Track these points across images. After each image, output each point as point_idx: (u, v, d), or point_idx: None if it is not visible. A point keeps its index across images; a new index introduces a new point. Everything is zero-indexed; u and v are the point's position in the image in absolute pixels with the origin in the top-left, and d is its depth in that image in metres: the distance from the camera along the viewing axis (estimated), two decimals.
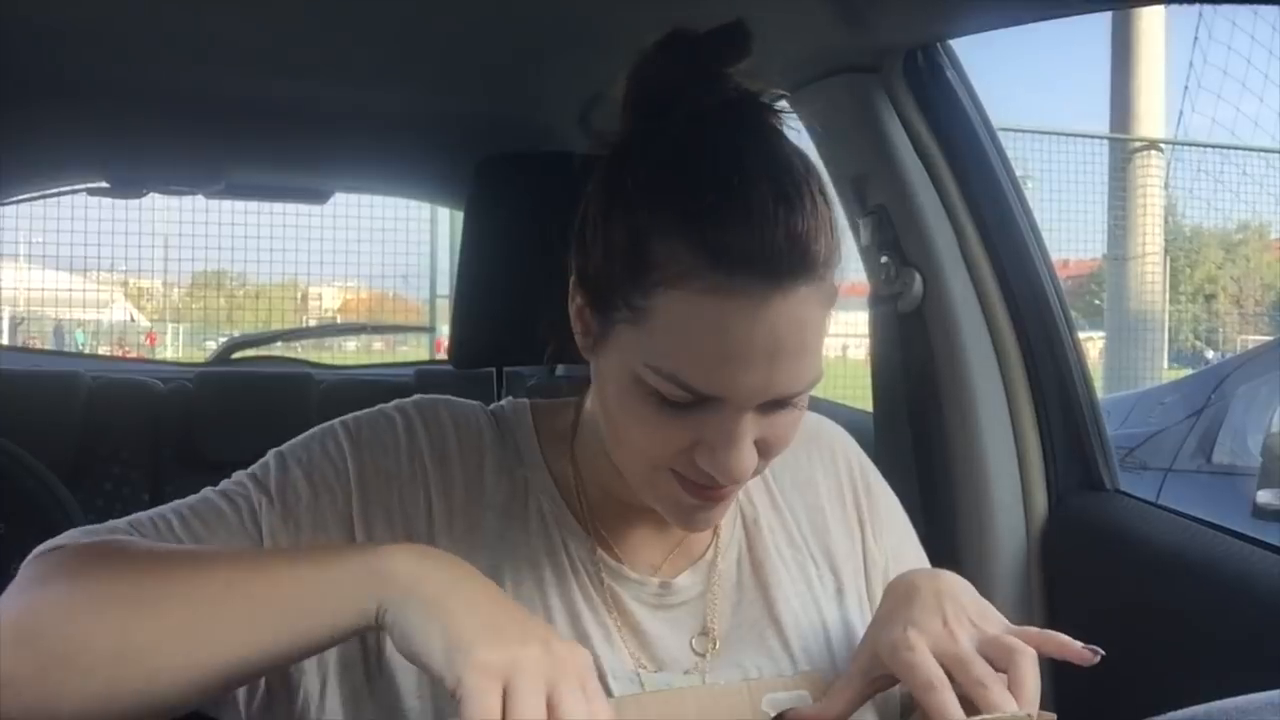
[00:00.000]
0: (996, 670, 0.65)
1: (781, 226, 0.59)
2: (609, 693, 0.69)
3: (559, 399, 0.82)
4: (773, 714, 0.71)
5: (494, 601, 0.60)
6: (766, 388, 0.62)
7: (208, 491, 0.73)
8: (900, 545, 0.87)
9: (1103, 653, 0.66)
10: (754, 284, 0.59)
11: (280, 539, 0.70)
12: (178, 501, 0.72)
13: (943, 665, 0.65)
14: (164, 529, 0.69)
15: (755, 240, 0.59)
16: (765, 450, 0.66)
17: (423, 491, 0.74)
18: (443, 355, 3.50)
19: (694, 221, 0.60)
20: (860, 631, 0.75)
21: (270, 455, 0.75)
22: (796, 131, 0.69)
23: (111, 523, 0.69)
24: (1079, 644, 0.67)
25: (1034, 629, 0.69)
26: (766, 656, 0.76)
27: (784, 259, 0.59)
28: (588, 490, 0.77)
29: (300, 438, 0.77)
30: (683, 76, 0.66)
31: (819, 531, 0.83)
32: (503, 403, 0.82)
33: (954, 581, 0.72)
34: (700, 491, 0.67)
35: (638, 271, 0.61)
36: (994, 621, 0.69)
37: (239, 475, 0.74)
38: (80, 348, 6.06)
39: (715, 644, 0.76)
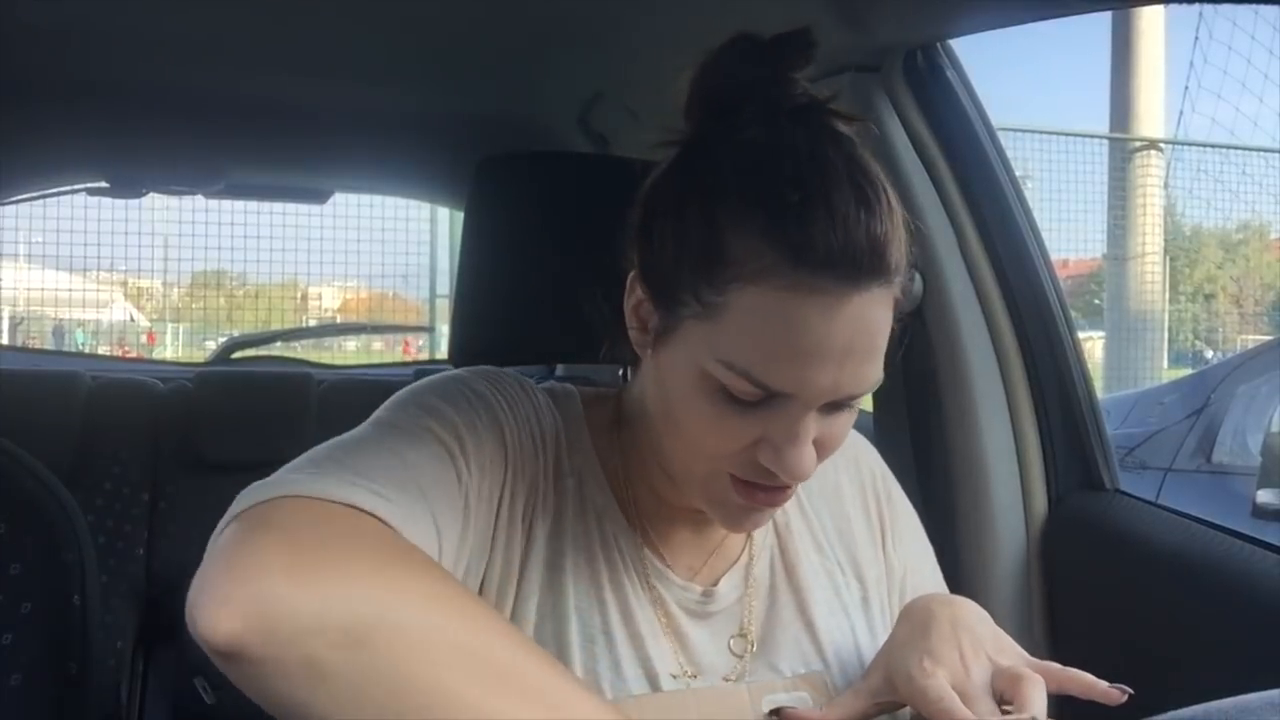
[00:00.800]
0: (1004, 701, 0.65)
1: (862, 227, 0.60)
2: (659, 690, 0.70)
3: (600, 390, 0.82)
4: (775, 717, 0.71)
5: None
6: (835, 387, 0.62)
7: (391, 433, 0.67)
8: (918, 557, 0.88)
9: (1130, 691, 0.65)
10: (833, 283, 0.59)
11: (471, 487, 0.67)
12: (367, 437, 0.67)
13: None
14: (399, 482, 0.62)
15: (837, 240, 0.59)
16: (821, 450, 0.66)
17: (540, 462, 0.73)
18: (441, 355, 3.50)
19: (776, 219, 0.60)
20: (883, 641, 0.75)
21: (427, 398, 0.71)
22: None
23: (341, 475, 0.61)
24: (1104, 683, 0.67)
25: (1058, 666, 0.68)
26: (801, 660, 0.76)
27: (864, 259, 0.60)
28: (633, 487, 0.77)
29: (430, 385, 0.73)
30: (751, 78, 0.67)
31: (845, 539, 0.84)
32: (552, 385, 0.81)
33: (971, 611, 0.72)
34: (753, 494, 0.67)
35: (713, 266, 0.62)
36: (1010, 654, 0.69)
37: (409, 412, 0.69)
38: (80, 347, 6.06)
39: (753, 645, 0.76)
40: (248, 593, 0.52)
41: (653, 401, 0.71)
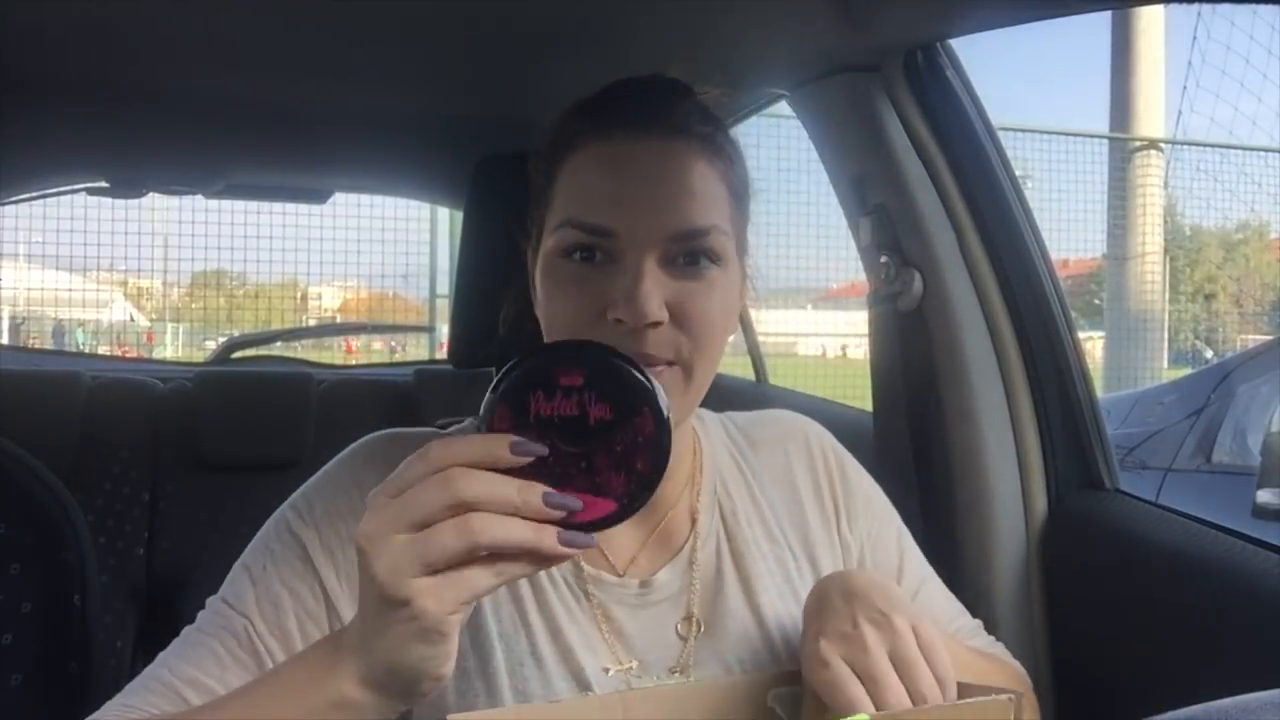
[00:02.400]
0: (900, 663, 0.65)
1: (645, 97, 0.75)
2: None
3: None
4: (780, 710, 0.71)
5: None
6: (655, 222, 0.70)
7: (192, 631, 0.73)
8: (877, 532, 0.88)
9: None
10: (630, 134, 0.72)
11: (274, 651, 0.71)
12: (170, 650, 0.72)
13: (856, 674, 0.65)
14: (160, 691, 0.69)
15: (627, 104, 0.74)
16: (680, 319, 0.70)
17: None
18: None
19: (587, 108, 0.76)
20: None
21: (238, 571, 0.76)
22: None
23: (100, 713, 0.68)
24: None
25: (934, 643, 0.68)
26: (747, 646, 0.77)
27: (651, 115, 0.73)
28: None
29: (257, 538, 0.77)
30: None
31: (798, 525, 0.85)
32: (462, 421, 0.85)
33: (864, 579, 0.71)
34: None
35: (546, 164, 0.76)
36: (904, 610, 0.68)
37: (215, 602, 0.74)
38: (81, 347, 6.06)
39: (699, 625, 0.77)
40: None
41: (540, 317, 0.77)
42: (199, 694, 0.68)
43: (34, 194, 2.16)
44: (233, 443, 1.80)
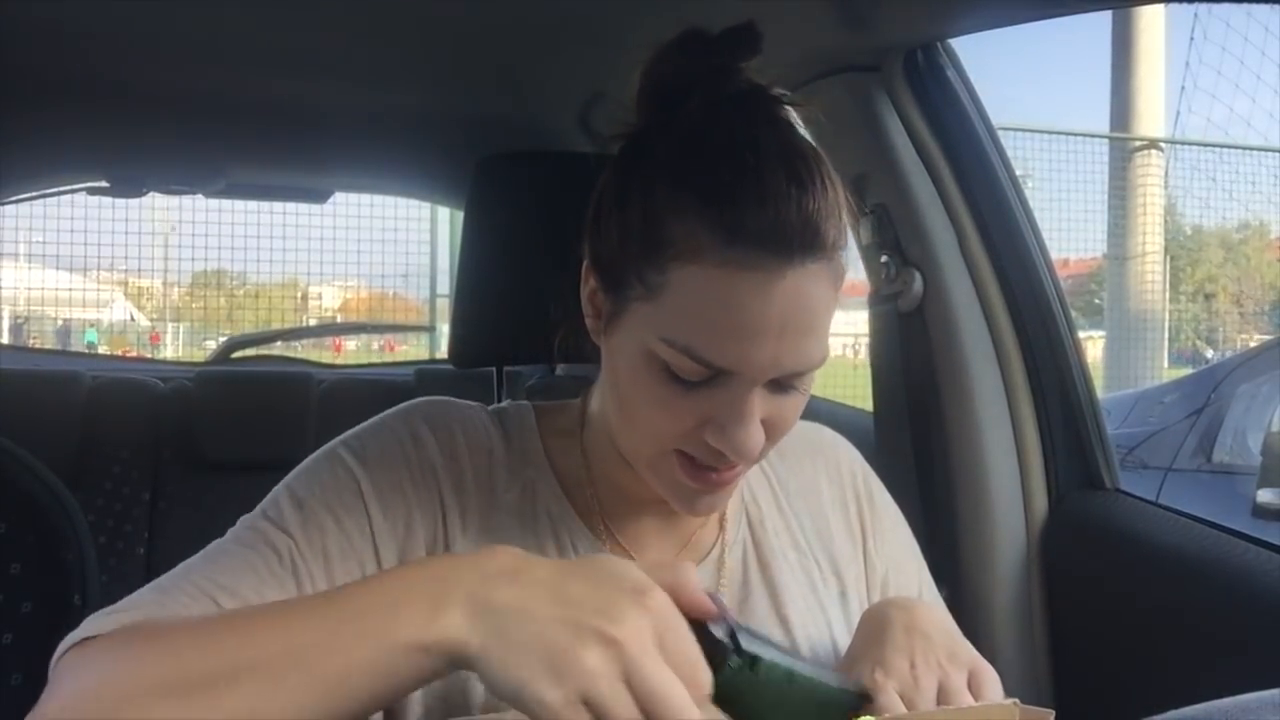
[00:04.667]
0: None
1: (794, 204, 0.62)
2: None
3: (558, 400, 0.83)
4: None
5: (537, 599, 0.54)
6: (776, 363, 0.63)
7: (224, 543, 0.70)
8: (901, 556, 0.88)
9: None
10: (767, 259, 0.61)
11: (315, 575, 0.68)
12: (195, 559, 0.69)
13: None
14: (192, 593, 0.65)
15: (769, 217, 0.61)
16: (771, 431, 0.67)
17: (437, 499, 0.74)
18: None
19: (710, 199, 0.62)
20: None
21: (280, 492, 0.73)
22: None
23: (133, 597, 0.65)
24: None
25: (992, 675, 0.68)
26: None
27: (796, 236, 0.61)
28: (597, 486, 0.78)
29: (304, 466, 0.75)
30: (697, 71, 0.68)
31: (823, 536, 0.84)
32: (504, 404, 0.83)
33: (927, 616, 0.71)
34: (704, 476, 0.68)
35: (654, 248, 0.63)
36: (963, 660, 0.68)
37: (251, 519, 0.71)
38: (91, 348, 6.06)
39: None
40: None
41: (607, 388, 0.72)
42: (236, 604, 0.65)
43: (34, 193, 2.16)
44: (233, 442, 1.80)
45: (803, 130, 0.70)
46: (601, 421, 0.76)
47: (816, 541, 0.84)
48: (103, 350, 6.22)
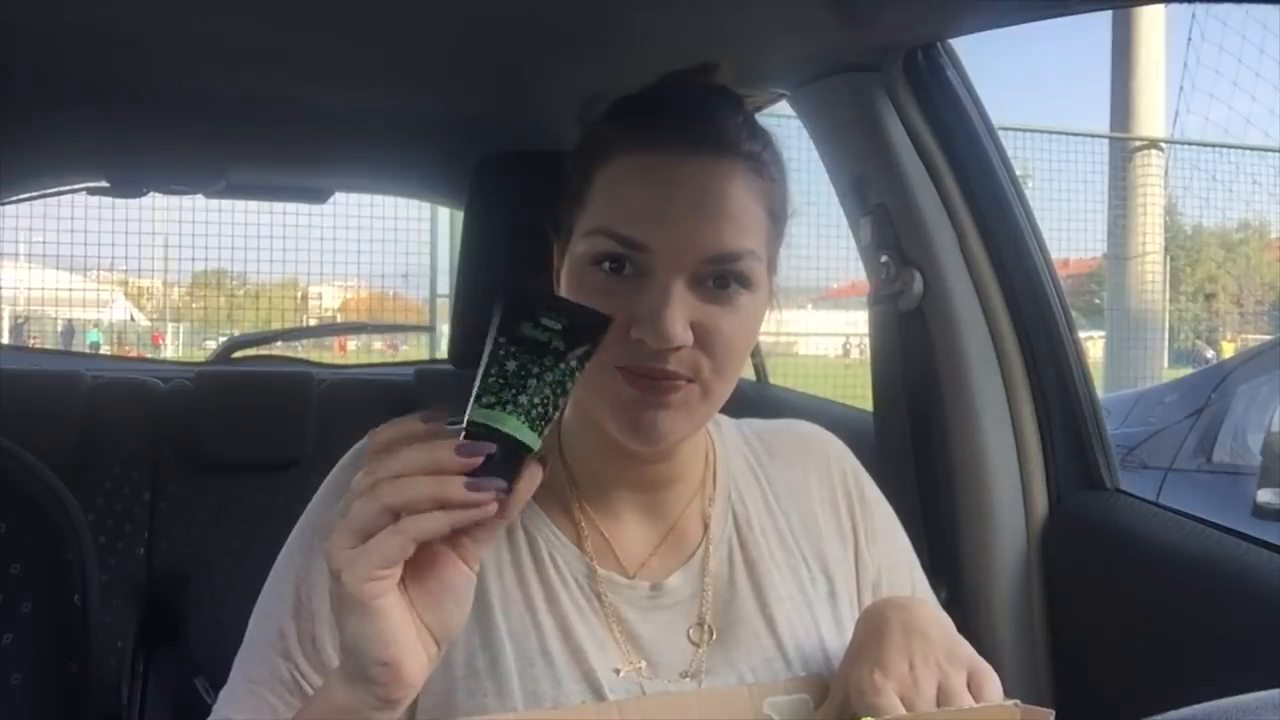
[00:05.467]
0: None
1: (698, 108, 0.72)
2: (604, 699, 0.70)
3: None
4: (775, 718, 0.71)
5: None
6: (690, 243, 0.68)
7: (244, 674, 0.76)
8: (894, 555, 0.88)
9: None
10: (672, 147, 0.70)
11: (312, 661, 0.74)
12: (222, 704, 0.76)
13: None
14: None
15: (674, 116, 0.71)
16: (704, 340, 0.70)
17: None
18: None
19: (628, 112, 0.74)
20: (850, 636, 0.75)
21: (270, 600, 0.77)
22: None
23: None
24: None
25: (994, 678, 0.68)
26: (760, 656, 0.77)
27: (699, 131, 0.70)
28: (578, 484, 0.78)
29: (282, 562, 0.79)
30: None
31: (812, 535, 0.84)
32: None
33: (926, 615, 0.72)
34: (641, 384, 0.70)
35: (582, 162, 0.73)
36: (962, 661, 0.68)
37: (259, 637, 0.76)
38: (94, 348, 6.06)
39: (711, 632, 0.77)
40: None
41: None
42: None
43: (34, 194, 2.16)
44: (233, 442, 1.80)
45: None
46: (578, 412, 0.78)
47: (805, 541, 0.84)
48: (105, 350, 6.22)
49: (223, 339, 3.53)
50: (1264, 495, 2.87)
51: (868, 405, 1.43)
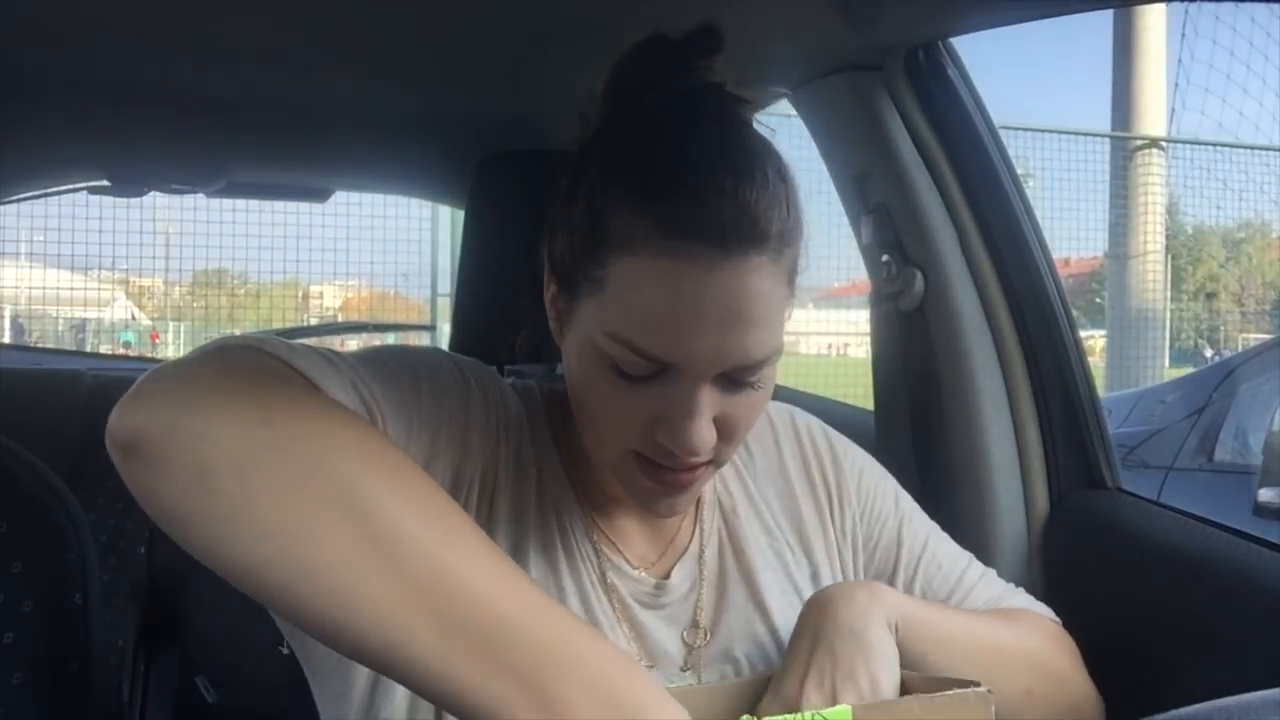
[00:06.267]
0: None
1: (729, 197, 0.61)
2: None
3: (558, 388, 0.83)
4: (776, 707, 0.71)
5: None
6: (719, 356, 0.63)
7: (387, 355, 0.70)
8: (874, 500, 0.88)
9: None
10: (703, 250, 0.61)
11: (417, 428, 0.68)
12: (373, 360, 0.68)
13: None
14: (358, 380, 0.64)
15: (705, 209, 0.61)
16: (726, 432, 0.67)
17: (502, 447, 0.75)
18: None
19: (646, 191, 0.63)
20: None
21: (434, 356, 0.74)
22: (770, 129, 0.71)
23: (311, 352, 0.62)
24: None
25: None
26: (753, 643, 0.78)
27: (732, 228, 0.61)
28: (584, 481, 0.79)
29: (417, 354, 0.74)
30: (654, 74, 0.68)
31: (792, 517, 0.85)
32: (517, 382, 0.83)
33: (837, 619, 0.70)
34: (658, 474, 0.68)
35: (596, 242, 0.64)
36: (861, 679, 0.68)
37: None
38: (127, 347, 6.06)
39: (705, 634, 0.77)
40: (163, 391, 0.53)
41: (570, 390, 0.73)
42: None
43: (35, 193, 2.16)
44: None
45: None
46: (585, 433, 0.77)
47: (786, 523, 0.84)
48: (105, 349, 6.22)
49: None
50: (1265, 494, 2.87)
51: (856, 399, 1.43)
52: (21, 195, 2.14)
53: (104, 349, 6.04)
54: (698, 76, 0.68)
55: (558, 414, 0.80)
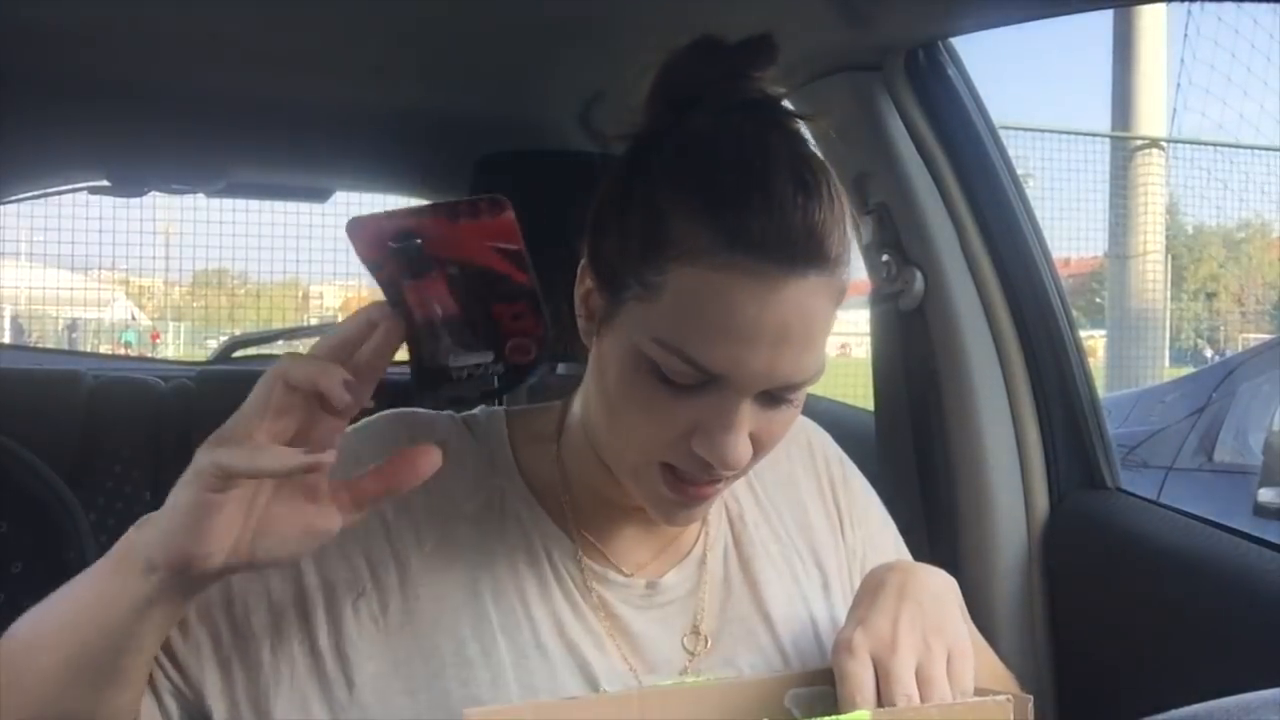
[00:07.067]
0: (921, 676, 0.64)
1: (799, 214, 0.61)
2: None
3: (536, 404, 0.83)
4: (795, 710, 0.71)
5: None
6: (769, 373, 0.62)
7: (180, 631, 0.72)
8: (877, 535, 0.88)
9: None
10: (768, 267, 0.60)
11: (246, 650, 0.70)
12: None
13: (876, 669, 0.64)
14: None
15: (774, 225, 0.61)
16: (759, 445, 0.67)
17: (376, 519, 0.72)
18: None
19: (715, 202, 0.62)
20: None
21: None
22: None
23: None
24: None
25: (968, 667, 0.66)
26: (757, 652, 0.76)
27: (800, 246, 0.61)
28: (573, 491, 0.77)
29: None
30: (709, 78, 0.68)
31: (803, 528, 0.84)
32: (476, 411, 0.82)
33: (924, 582, 0.70)
34: (685, 488, 0.68)
35: (655, 248, 0.63)
36: (946, 637, 0.67)
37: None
38: (128, 347, 6.05)
39: (706, 641, 0.76)
40: None
41: (594, 393, 0.71)
42: None
43: (35, 193, 2.16)
44: None
45: (812, 143, 0.70)
46: (582, 426, 0.75)
47: (798, 533, 0.84)
48: (106, 349, 6.22)
49: (224, 338, 3.53)
50: (1265, 494, 2.88)
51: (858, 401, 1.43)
52: (21, 195, 2.14)
53: (104, 349, 6.04)
54: (754, 85, 0.68)
55: (533, 432, 0.79)
